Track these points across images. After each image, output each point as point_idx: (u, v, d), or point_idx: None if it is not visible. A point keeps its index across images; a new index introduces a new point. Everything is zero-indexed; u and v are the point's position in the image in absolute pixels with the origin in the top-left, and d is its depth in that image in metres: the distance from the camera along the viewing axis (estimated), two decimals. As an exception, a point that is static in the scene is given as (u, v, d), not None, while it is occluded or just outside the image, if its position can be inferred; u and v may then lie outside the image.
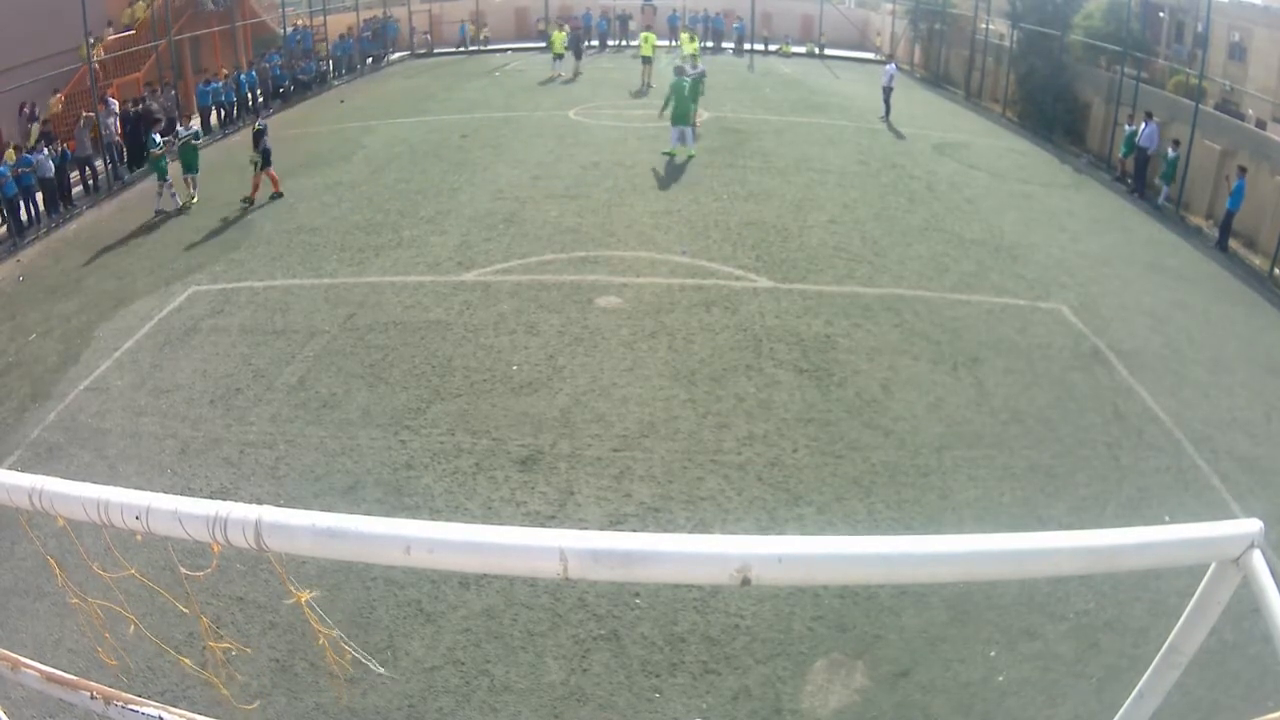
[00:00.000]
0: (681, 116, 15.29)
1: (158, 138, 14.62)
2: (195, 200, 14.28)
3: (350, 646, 1.97)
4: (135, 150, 16.47)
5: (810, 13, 31.55)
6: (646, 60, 23.18)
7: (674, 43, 27.50)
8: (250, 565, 5.88)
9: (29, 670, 2.05)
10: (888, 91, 20.35)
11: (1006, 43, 22.11)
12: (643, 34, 24.58)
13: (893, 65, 21.11)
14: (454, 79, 24.96)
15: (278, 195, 14.11)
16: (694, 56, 20.91)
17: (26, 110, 14.93)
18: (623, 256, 11.44)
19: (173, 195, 14.09)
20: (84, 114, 15.16)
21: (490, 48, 30.62)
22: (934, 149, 17.82)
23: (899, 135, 18.91)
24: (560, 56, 24.83)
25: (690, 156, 15.63)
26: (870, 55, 30.58)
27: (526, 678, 5.28)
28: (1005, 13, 22.04)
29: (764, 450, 7.48)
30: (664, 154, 15.74)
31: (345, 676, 5.10)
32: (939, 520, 6.66)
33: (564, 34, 25.53)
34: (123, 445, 7.62)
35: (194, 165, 14.30)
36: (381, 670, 5.14)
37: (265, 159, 14.01)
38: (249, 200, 13.90)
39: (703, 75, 17.17)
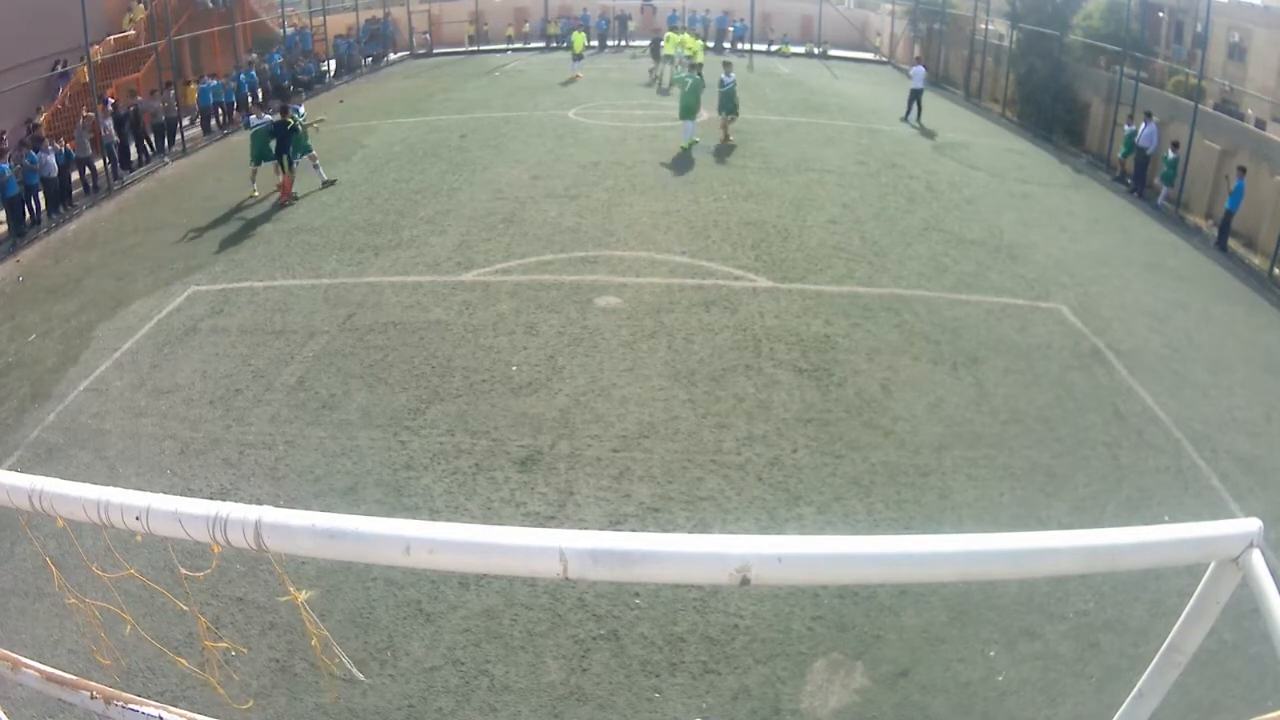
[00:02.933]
0: (686, 110, 16.28)
1: (302, 109, 14.80)
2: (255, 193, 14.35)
3: (339, 651, 1.97)
4: (129, 150, 16.49)
5: (810, 13, 31.56)
6: (669, 59, 23.70)
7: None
8: (250, 566, 5.87)
9: (29, 670, 2.05)
10: (917, 93, 20.09)
11: (1006, 43, 22.11)
12: (668, 34, 24.99)
13: (921, 68, 20.52)
14: (454, 79, 24.97)
15: (282, 204, 13.88)
16: (695, 58, 21.39)
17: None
18: (622, 256, 11.44)
19: (315, 167, 14.41)
20: (84, 113, 15.15)
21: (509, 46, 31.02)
22: (933, 149, 17.82)
23: (929, 135, 19.03)
24: (580, 58, 25.05)
25: (684, 146, 16.32)
26: (869, 56, 30.61)
27: (526, 678, 5.28)
28: (1005, 13, 22.04)
29: (764, 450, 7.48)
30: (687, 146, 16.40)
31: (340, 676, 5.10)
32: (939, 520, 6.66)
33: (584, 35, 26.00)
34: (122, 446, 7.62)
35: (267, 154, 14.07)
36: (361, 677, 5.12)
37: (286, 154, 13.74)
38: (282, 202, 13.91)
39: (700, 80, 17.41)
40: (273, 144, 13.88)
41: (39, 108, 15.60)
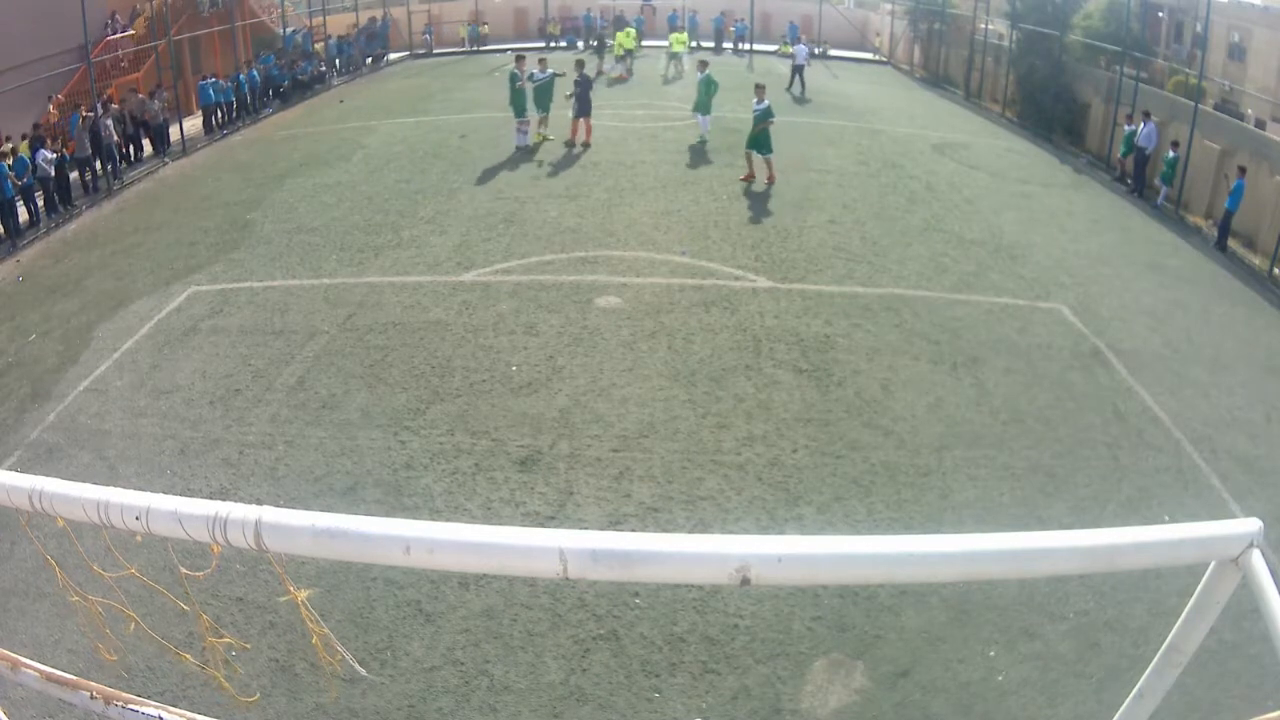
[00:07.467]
0: (701, 106, 17.08)
1: (520, 72, 16.11)
2: (547, 138, 16.52)
3: (340, 648, 1.97)
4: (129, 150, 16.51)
5: (810, 13, 31.55)
6: (674, 56, 25.34)
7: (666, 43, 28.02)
8: (250, 566, 5.88)
9: (29, 670, 2.05)
10: (799, 69, 22.63)
11: (1006, 43, 22.11)
12: (672, 35, 26.25)
13: (804, 46, 23.75)
14: (454, 79, 24.94)
15: (587, 145, 16.35)
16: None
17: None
18: (622, 256, 11.44)
19: (523, 134, 16.23)
20: (83, 114, 15.14)
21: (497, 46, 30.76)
22: (934, 149, 17.81)
23: (802, 101, 21.62)
24: (621, 59, 25.43)
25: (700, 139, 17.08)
26: (869, 55, 30.62)
27: (526, 678, 5.28)
28: (1005, 13, 22.04)
29: (764, 450, 7.48)
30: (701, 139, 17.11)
31: (340, 676, 5.10)
32: (939, 520, 6.66)
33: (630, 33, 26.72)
34: (122, 446, 7.62)
35: (546, 105, 16.28)
36: (363, 671, 5.13)
37: (583, 108, 16.10)
38: (570, 142, 16.40)
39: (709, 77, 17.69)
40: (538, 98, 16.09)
41: (50, 96, 15.72)
